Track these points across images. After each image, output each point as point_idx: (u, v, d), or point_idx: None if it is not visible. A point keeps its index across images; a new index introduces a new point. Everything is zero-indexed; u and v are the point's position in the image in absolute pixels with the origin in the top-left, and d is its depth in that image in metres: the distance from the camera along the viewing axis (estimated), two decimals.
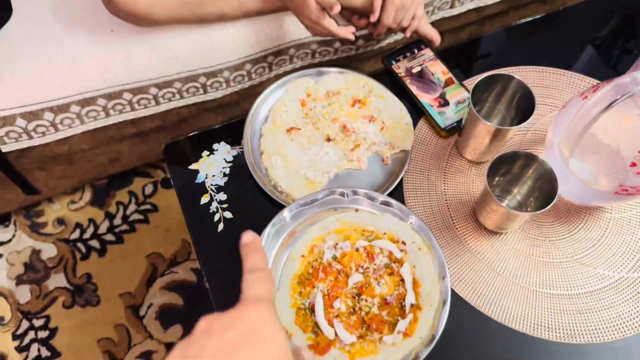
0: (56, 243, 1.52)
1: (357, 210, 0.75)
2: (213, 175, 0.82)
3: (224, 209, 0.79)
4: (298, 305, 0.69)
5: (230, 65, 1.11)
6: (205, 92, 1.15)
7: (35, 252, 1.50)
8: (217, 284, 0.74)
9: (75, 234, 1.53)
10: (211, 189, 0.81)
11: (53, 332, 1.40)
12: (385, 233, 0.73)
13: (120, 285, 1.46)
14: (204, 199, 0.80)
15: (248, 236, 0.45)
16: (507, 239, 0.77)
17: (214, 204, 0.80)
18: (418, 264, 0.70)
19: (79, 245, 1.51)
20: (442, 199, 0.80)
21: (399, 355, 0.66)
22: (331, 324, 0.67)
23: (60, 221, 1.55)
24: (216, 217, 0.79)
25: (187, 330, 1.40)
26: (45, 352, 1.38)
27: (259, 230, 0.73)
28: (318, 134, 0.84)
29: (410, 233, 0.72)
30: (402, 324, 0.67)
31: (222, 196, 0.80)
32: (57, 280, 1.46)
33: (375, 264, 0.71)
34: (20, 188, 1.26)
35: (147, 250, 1.51)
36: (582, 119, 0.65)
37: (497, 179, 0.77)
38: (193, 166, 0.83)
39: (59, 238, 1.53)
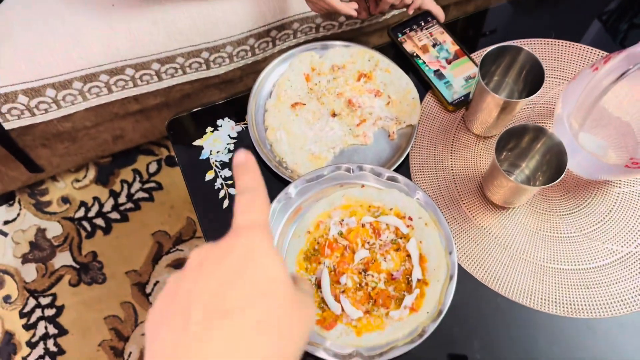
0: (61, 221, 1.53)
1: (363, 185, 0.74)
2: (217, 152, 0.81)
3: (228, 186, 0.78)
4: None
5: (233, 40, 1.09)
6: (208, 67, 1.14)
7: (41, 231, 1.51)
8: None
9: (80, 213, 1.53)
10: (216, 166, 0.80)
11: (60, 310, 1.42)
12: (391, 209, 0.72)
13: (126, 263, 1.46)
14: (209, 176, 0.80)
15: (240, 155, 0.38)
16: (515, 213, 0.76)
17: (219, 181, 0.79)
18: (425, 239, 0.70)
19: (84, 223, 1.52)
20: (449, 174, 0.79)
21: (405, 330, 0.66)
22: (338, 300, 0.67)
23: (65, 200, 1.55)
24: (221, 194, 0.78)
25: None
26: (52, 330, 1.39)
27: None
28: (323, 109, 0.83)
29: (416, 208, 0.71)
30: (408, 299, 0.66)
31: (227, 172, 0.79)
32: (62, 259, 1.47)
33: (381, 240, 0.70)
34: (24, 166, 1.25)
35: (152, 228, 1.51)
36: (593, 91, 0.64)
37: (505, 153, 0.76)
38: (197, 142, 0.82)
39: (64, 216, 1.53)
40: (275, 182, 0.77)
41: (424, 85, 0.85)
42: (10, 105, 1.03)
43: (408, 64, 0.89)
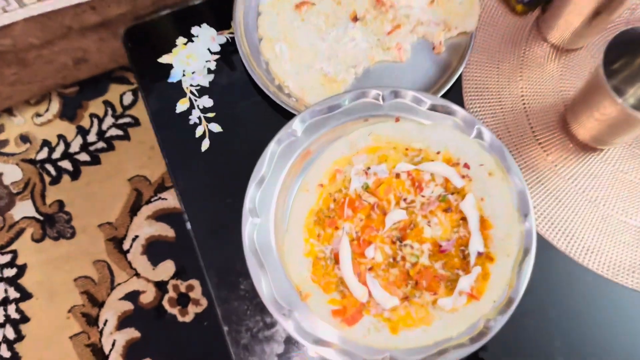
0: (20, 164, 1.41)
1: (397, 119, 0.62)
2: (193, 72, 0.69)
3: (209, 120, 0.67)
4: (316, 253, 0.58)
5: None
6: None
7: None
8: (200, 221, 0.63)
9: (43, 154, 1.42)
10: (191, 92, 0.68)
11: (21, 269, 1.33)
12: (439, 152, 0.60)
13: (98, 214, 1.36)
14: (181, 106, 0.67)
15: None
16: (610, 158, 0.63)
17: (196, 113, 0.67)
18: (488, 195, 0.58)
19: (48, 167, 1.41)
20: (518, 102, 0.65)
21: (461, 325, 0.55)
22: (363, 281, 0.56)
23: (24, 138, 1.44)
24: (199, 131, 0.66)
25: (180, 267, 1.32)
26: (13, 294, 1.31)
27: (259, 149, 0.60)
28: (340, 10, 0.69)
29: (476, 151, 0.59)
30: (465, 281, 0.55)
31: (207, 101, 0.67)
32: (23, 209, 1.37)
33: (424, 196, 0.58)
34: None
35: (129, 173, 1.40)
36: None
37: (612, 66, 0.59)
38: (164, 59, 0.69)
39: (23, 159, 1.42)
40: (274, 115, 0.66)
41: None
42: None
43: None
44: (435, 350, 0.54)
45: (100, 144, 1.43)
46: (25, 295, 1.30)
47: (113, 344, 1.25)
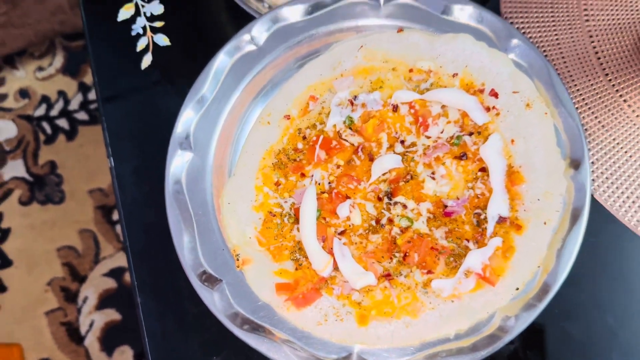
0: (16, 120, 1.34)
1: (401, 29, 0.53)
2: None
3: (155, 30, 0.59)
4: (269, 207, 0.49)
5: None
6: None
7: None
8: (126, 158, 0.53)
9: (41, 110, 1.35)
10: None
11: (5, 234, 1.26)
12: (455, 75, 0.50)
13: (90, 178, 1.28)
14: (125, 12, 0.59)
15: None
16: None
17: (140, 21, 0.59)
18: (522, 137, 0.48)
19: (44, 124, 1.34)
20: (576, 15, 0.53)
21: (464, 320, 0.44)
22: (329, 248, 0.47)
23: (24, 93, 1.37)
24: (141, 43, 0.58)
25: None
26: None
27: (203, 61, 0.51)
28: None
29: (509, 73, 0.49)
30: (476, 257, 0.45)
31: (156, 7, 0.59)
32: (14, 169, 1.30)
33: (429, 137, 0.50)
34: None
35: None
36: None
37: None
38: None
39: (20, 114, 1.35)
40: (235, 19, 0.58)
41: None
42: None
43: None
44: (420, 354, 0.43)
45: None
46: (5, 262, 1.22)
47: (91, 325, 1.16)
